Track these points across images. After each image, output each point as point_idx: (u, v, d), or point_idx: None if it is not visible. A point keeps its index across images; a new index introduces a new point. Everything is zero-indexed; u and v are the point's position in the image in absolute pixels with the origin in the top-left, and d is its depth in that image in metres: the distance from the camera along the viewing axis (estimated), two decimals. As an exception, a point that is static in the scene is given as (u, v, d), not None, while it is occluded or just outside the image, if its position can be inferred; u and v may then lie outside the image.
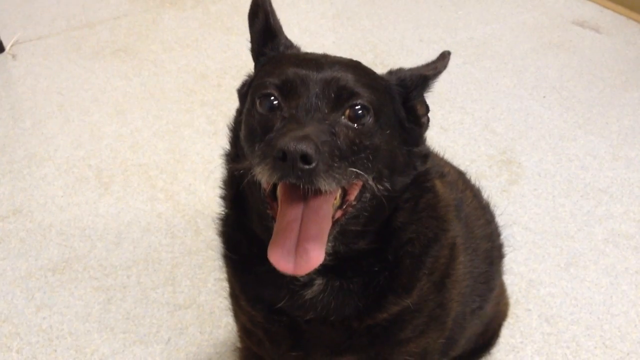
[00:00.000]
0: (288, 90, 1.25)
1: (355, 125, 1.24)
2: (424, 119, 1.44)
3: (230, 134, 1.48)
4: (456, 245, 1.54)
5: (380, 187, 1.28)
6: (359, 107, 1.25)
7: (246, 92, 1.41)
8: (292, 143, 1.08)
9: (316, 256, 1.21)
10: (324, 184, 1.14)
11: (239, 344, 1.81)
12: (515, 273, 2.55)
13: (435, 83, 1.44)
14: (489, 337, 2.09)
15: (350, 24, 4.18)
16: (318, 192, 1.18)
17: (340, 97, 1.25)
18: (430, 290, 1.47)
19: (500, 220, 1.95)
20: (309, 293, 1.38)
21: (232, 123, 1.48)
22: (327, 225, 1.24)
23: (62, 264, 2.55)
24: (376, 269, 1.38)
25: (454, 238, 1.53)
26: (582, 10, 4.41)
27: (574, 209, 2.86)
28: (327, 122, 1.20)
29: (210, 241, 2.62)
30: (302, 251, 1.21)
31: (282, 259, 1.21)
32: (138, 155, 3.09)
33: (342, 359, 1.52)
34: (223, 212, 1.54)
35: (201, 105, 3.42)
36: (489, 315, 1.97)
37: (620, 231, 2.75)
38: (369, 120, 1.25)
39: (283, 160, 1.09)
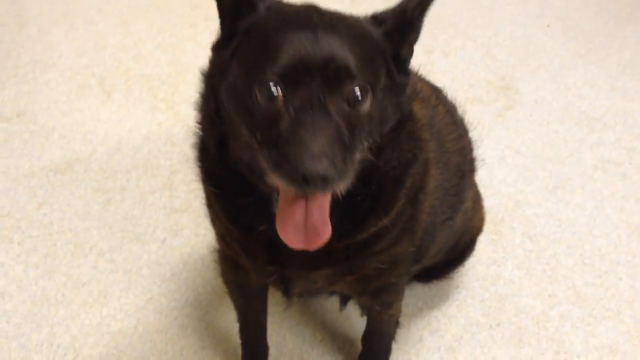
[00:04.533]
0: (289, 79, 1.20)
1: (354, 109, 1.23)
2: (407, 53, 1.38)
3: (204, 80, 1.43)
4: (429, 160, 1.56)
5: (370, 140, 1.29)
6: (359, 90, 1.23)
7: (230, 57, 1.32)
8: (313, 168, 1.10)
9: (324, 230, 1.25)
10: (338, 187, 1.18)
11: (217, 246, 1.88)
12: (503, 193, 2.62)
13: (441, 8, 1.38)
14: (460, 250, 2.13)
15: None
16: None
17: (339, 79, 1.21)
18: (405, 206, 1.50)
19: (478, 142, 1.96)
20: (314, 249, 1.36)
21: (206, 71, 1.42)
22: (328, 196, 1.27)
23: (64, 165, 2.63)
24: (359, 198, 1.40)
25: (427, 153, 1.54)
26: (595, -59, 4.35)
27: (567, 136, 2.90)
28: (332, 116, 1.19)
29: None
30: (310, 227, 1.24)
31: (293, 237, 1.24)
32: (141, 66, 3.13)
33: (319, 272, 1.57)
34: (199, 137, 1.51)
35: (205, 19, 3.44)
36: (461, 229, 2.01)
37: (610, 158, 2.80)
38: (367, 101, 1.24)
39: (303, 181, 1.12)
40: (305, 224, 1.25)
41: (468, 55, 3.34)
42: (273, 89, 1.21)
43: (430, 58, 3.29)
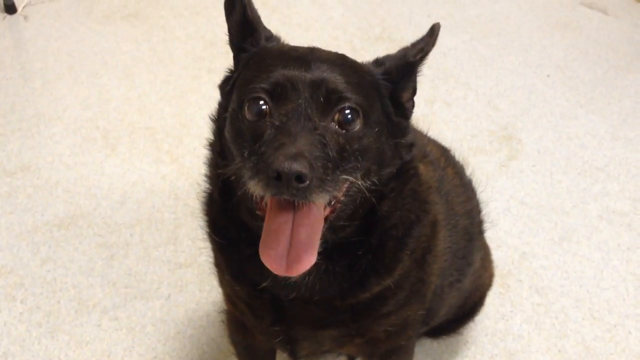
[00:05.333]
0: (278, 95, 1.23)
1: (345, 130, 1.23)
2: (408, 104, 1.41)
3: (213, 126, 1.47)
4: (437, 222, 1.56)
5: (368, 182, 1.29)
6: (348, 111, 1.24)
7: (230, 89, 1.38)
8: (287, 164, 1.08)
9: (308, 259, 1.22)
10: (318, 198, 1.15)
11: (225, 307, 1.87)
12: (509, 245, 2.61)
13: (442, 59, 1.44)
14: (469, 306, 2.12)
15: (360, -3, 4.20)
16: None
17: (329, 100, 1.23)
18: (412, 267, 1.49)
19: (483, 196, 1.98)
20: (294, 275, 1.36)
21: (214, 115, 1.47)
22: (318, 227, 1.25)
23: (68, 220, 2.62)
24: (360, 252, 1.40)
25: (435, 216, 1.54)
26: (592, -9, 4.42)
27: (571, 186, 2.90)
28: (317, 131, 1.19)
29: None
30: (294, 254, 1.21)
31: (274, 262, 1.22)
32: (145, 119, 3.14)
33: (324, 333, 1.56)
34: (207, 191, 1.55)
35: (208, 72, 3.47)
36: (468, 289, 2.00)
37: (615, 208, 2.79)
38: (357, 123, 1.24)
39: (277, 180, 1.10)
40: (289, 247, 1.22)
41: (470, 106, 3.36)
42: (261, 103, 1.23)
43: (433, 109, 3.31)
